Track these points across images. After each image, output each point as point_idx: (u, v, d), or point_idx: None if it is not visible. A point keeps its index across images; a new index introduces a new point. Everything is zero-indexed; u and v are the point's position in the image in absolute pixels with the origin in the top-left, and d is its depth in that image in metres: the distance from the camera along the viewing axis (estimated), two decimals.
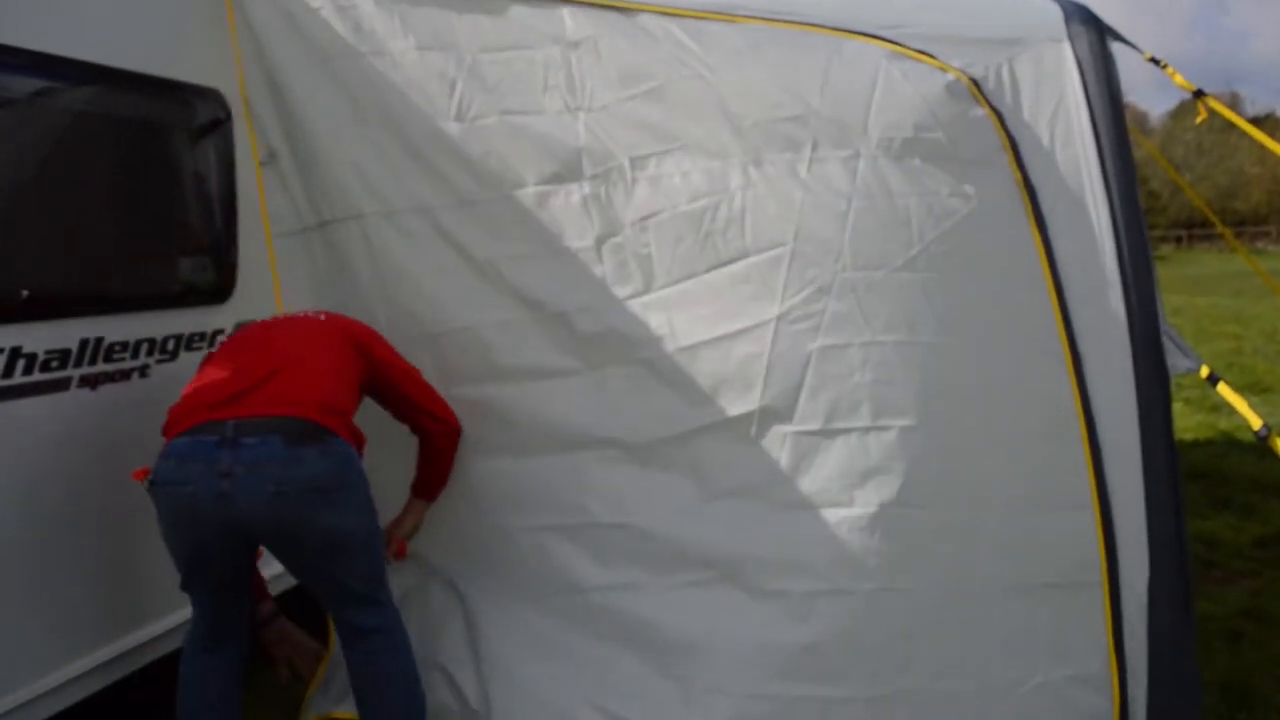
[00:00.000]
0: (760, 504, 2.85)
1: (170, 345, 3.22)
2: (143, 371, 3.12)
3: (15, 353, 2.68)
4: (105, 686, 3.01)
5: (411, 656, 2.85)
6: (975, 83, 2.83)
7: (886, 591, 2.72)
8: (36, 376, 2.76)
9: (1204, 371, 2.75)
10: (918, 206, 2.80)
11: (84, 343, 2.90)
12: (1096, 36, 2.85)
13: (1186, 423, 7.33)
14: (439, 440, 3.11)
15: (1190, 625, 2.74)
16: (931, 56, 2.86)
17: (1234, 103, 46.77)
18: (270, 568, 3.14)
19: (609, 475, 3.03)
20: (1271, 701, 3.16)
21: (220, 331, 3.43)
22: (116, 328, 3.01)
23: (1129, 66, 2.98)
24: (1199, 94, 3.23)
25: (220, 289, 3.46)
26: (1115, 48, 2.91)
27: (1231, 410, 7.56)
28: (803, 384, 2.79)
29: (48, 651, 2.83)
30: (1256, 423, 2.70)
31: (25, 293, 2.70)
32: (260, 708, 3.36)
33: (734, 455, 2.87)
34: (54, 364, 2.81)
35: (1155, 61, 3.33)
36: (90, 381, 2.93)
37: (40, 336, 2.76)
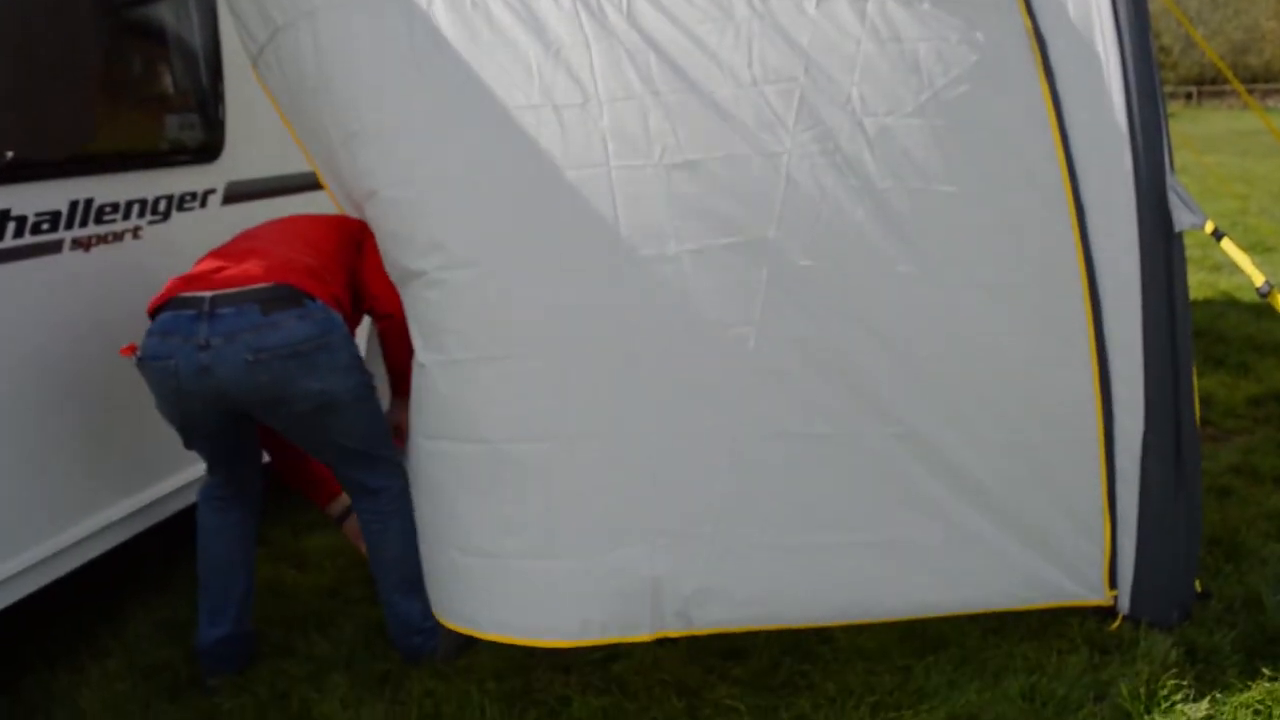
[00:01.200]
0: (756, 339, 2.64)
1: (162, 206, 3.18)
2: (135, 233, 3.08)
3: (4, 215, 2.64)
4: (113, 547, 3.07)
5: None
6: None
7: (890, 438, 2.71)
8: (28, 239, 2.73)
9: (1209, 227, 2.72)
10: (927, 52, 2.72)
11: (74, 204, 2.85)
12: None
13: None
14: (387, 330, 2.93)
15: (1182, 479, 2.78)
16: None
17: None
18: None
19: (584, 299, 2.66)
20: (1258, 554, 3.24)
21: (212, 191, 3.39)
22: (106, 189, 2.96)
23: None
24: None
25: (210, 147, 3.41)
26: None
27: (1232, 270, 7.52)
28: (816, 222, 2.66)
29: (48, 515, 2.85)
30: (1259, 279, 2.69)
31: (9, 154, 2.65)
32: (272, 561, 3.46)
33: (733, 285, 2.64)
34: (45, 226, 2.77)
35: None
36: (83, 244, 2.90)
37: (28, 199, 2.71)
